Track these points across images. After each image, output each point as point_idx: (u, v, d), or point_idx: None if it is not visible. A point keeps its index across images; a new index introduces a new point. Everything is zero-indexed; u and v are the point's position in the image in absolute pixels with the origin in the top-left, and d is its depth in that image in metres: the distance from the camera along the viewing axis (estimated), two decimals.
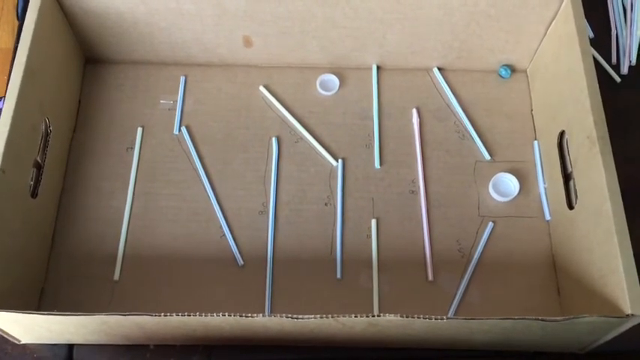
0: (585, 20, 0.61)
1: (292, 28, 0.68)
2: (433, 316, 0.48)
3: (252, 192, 0.66)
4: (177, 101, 0.71)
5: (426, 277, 0.62)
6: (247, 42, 0.70)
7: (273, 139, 0.69)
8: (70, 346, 0.60)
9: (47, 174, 0.62)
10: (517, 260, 0.63)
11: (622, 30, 0.76)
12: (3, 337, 0.58)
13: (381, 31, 0.68)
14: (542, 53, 0.69)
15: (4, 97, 0.57)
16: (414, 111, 0.70)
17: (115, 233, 0.64)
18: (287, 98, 0.71)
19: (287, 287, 0.62)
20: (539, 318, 0.49)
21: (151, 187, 0.66)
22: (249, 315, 0.49)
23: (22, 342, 0.59)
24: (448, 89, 0.72)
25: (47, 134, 0.62)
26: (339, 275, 0.62)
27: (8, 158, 0.54)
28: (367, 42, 0.70)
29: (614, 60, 0.75)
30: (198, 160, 0.67)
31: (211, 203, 0.65)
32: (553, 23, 0.66)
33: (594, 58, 0.60)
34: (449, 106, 0.71)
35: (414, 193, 0.66)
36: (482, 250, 0.64)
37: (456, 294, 0.61)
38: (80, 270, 0.62)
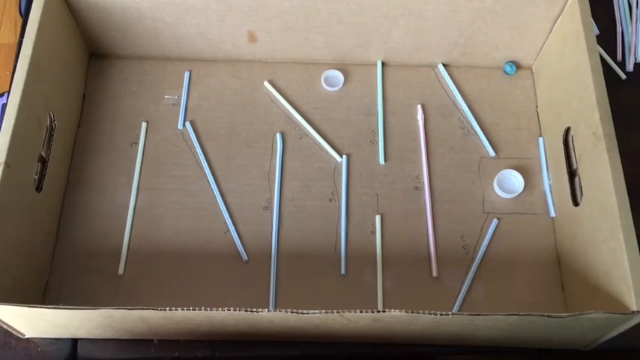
0: (591, 17, 0.61)
1: (297, 24, 0.68)
2: (438, 312, 0.48)
3: (257, 187, 0.66)
4: (181, 96, 0.71)
5: (431, 273, 0.62)
6: (252, 37, 0.70)
7: (278, 135, 0.69)
8: (74, 341, 0.60)
9: (52, 168, 0.62)
10: (522, 257, 0.63)
11: (627, 27, 0.76)
12: (7, 331, 0.58)
13: (386, 27, 0.68)
14: (547, 50, 0.69)
15: (8, 92, 0.57)
16: (419, 107, 0.70)
17: (119, 228, 0.64)
18: (291, 94, 0.71)
19: (291, 283, 0.62)
20: (544, 314, 0.49)
21: (156, 182, 0.66)
22: (254, 310, 0.49)
23: (27, 336, 0.59)
24: (453, 85, 0.72)
25: (52, 129, 0.62)
26: (343, 271, 0.62)
27: (13, 152, 0.54)
28: (372, 38, 0.70)
29: (619, 57, 0.75)
30: (202, 155, 0.67)
31: (215, 198, 0.65)
32: (559, 20, 0.66)
33: (599, 55, 0.60)
34: (454, 102, 0.71)
35: (419, 189, 0.66)
36: (487, 247, 0.63)
37: (460, 290, 0.61)
38: (84, 264, 0.62)
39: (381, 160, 0.68)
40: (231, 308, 0.49)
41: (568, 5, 0.64)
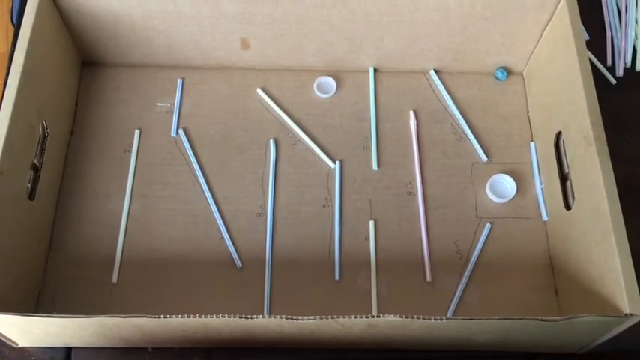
0: (581, 23, 0.62)
1: (289, 31, 0.68)
2: (432, 317, 0.49)
3: (250, 194, 0.66)
4: (174, 104, 0.71)
5: (424, 278, 0.63)
6: (244, 44, 0.70)
7: (271, 142, 0.69)
8: (68, 349, 0.60)
9: (44, 176, 0.61)
10: (515, 261, 0.63)
11: (617, 32, 0.77)
12: (1, 340, 0.57)
13: (378, 33, 0.69)
14: (538, 55, 0.69)
15: (1, 100, 0.57)
16: (411, 113, 0.71)
17: (112, 236, 0.63)
18: (284, 101, 0.71)
19: (285, 289, 0.62)
20: (538, 318, 0.49)
21: (149, 190, 0.66)
22: (249, 316, 0.49)
23: (20, 345, 0.59)
24: (445, 91, 0.72)
25: (44, 137, 0.62)
26: (337, 277, 0.62)
27: (6, 160, 0.54)
28: (364, 44, 0.70)
29: (609, 62, 0.76)
30: (195, 162, 0.67)
31: (209, 205, 0.65)
32: (549, 25, 0.66)
33: (589, 60, 0.61)
34: (445, 108, 0.72)
35: (412, 194, 0.67)
36: (480, 251, 0.64)
37: (454, 295, 0.62)
38: (78, 272, 0.62)
39: (374, 166, 0.68)
40: (226, 315, 0.49)
41: (558, 11, 0.64)
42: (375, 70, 0.73)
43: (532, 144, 0.69)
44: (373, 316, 0.49)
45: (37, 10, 0.60)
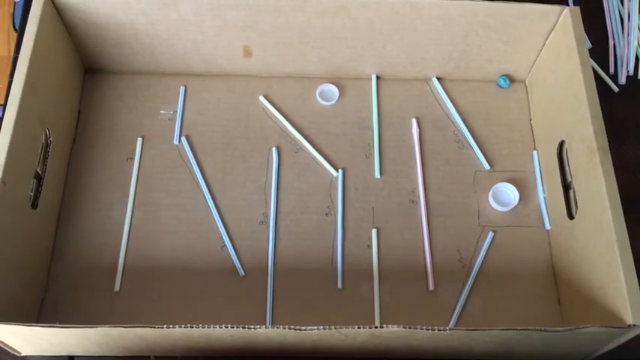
0: (584, 31, 0.62)
1: (292, 39, 0.68)
2: (436, 327, 0.49)
3: (253, 202, 0.66)
4: (177, 111, 0.71)
5: (427, 286, 0.63)
6: (247, 52, 0.70)
7: (273, 149, 0.69)
8: (71, 358, 0.60)
9: (47, 185, 0.61)
10: (517, 270, 0.63)
11: (619, 40, 0.77)
12: (3, 349, 0.57)
13: (381, 41, 0.69)
14: (540, 63, 0.69)
15: (3, 105, 0.57)
16: (414, 121, 0.71)
17: (115, 244, 0.63)
18: (287, 108, 0.71)
19: (288, 298, 0.62)
20: (541, 328, 0.49)
21: (151, 198, 0.66)
22: (252, 326, 0.49)
23: (23, 354, 0.59)
24: (447, 99, 0.72)
25: (47, 145, 0.62)
26: (339, 285, 0.62)
27: (9, 169, 0.54)
28: (366, 52, 0.70)
29: (611, 70, 0.76)
30: (198, 170, 0.67)
31: (212, 213, 0.65)
32: (552, 34, 0.66)
33: (592, 68, 0.61)
34: (448, 115, 0.72)
35: (414, 202, 0.67)
36: (483, 260, 0.64)
37: (456, 304, 0.62)
38: (80, 281, 0.62)
39: (377, 174, 0.68)
40: (229, 325, 0.49)
41: (561, 19, 0.64)
42: (378, 78, 0.73)
43: (535, 152, 0.69)
44: (376, 327, 0.49)
45: (40, 18, 0.60)
